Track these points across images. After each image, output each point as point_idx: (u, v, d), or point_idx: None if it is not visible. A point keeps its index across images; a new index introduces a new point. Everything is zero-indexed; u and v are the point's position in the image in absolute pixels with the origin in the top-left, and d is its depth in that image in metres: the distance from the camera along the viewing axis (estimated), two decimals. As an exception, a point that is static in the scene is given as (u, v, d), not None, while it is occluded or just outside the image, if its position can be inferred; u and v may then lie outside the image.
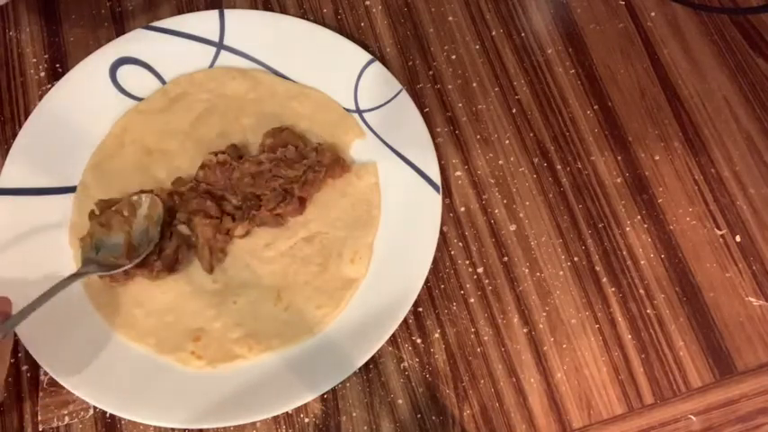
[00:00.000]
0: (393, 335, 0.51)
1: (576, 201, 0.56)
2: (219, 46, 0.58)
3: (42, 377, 0.51)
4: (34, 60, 0.59)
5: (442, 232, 0.54)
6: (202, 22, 0.58)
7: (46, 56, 0.60)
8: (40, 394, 0.51)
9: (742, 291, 0.53)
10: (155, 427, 0.50)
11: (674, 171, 0.57)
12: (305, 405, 0.51)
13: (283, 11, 0.61)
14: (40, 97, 0.55)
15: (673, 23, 0.61)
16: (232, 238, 0.53)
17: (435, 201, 0.53)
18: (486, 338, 0.52)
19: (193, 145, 0.56)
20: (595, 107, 0.58)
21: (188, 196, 0.52)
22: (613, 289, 0.54)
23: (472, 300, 0.53)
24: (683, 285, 0.54)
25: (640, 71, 0.59)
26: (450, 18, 0.61)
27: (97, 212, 0.52)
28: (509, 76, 0.59)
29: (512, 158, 0.57)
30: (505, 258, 0.54)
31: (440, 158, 0.55)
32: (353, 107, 0.57)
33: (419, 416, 0.51)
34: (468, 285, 0.54)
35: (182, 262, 0.52)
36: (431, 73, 0.60)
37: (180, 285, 0.52)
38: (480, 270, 0.54)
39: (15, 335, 0.50)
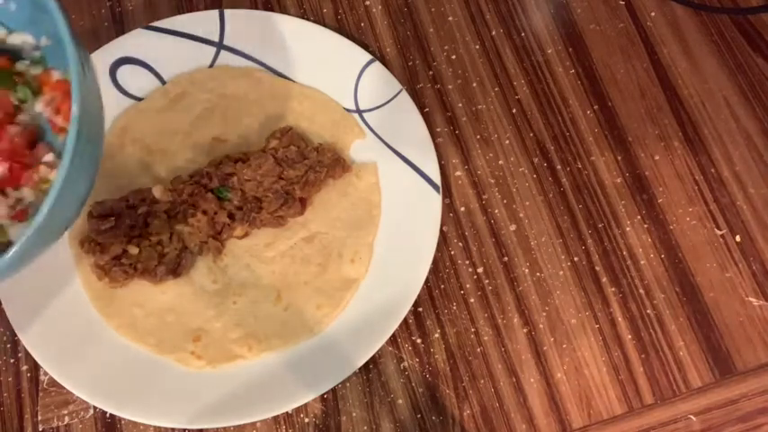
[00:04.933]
0: (393, 335, 0.51)
1: (576, 201, 0.56)
2: (219, 46, 0.58)
3: (42, 377, 0.51)
4: (34, 60, 0.59)
5: (442, 232, 0.54)
6: (202, 22, 0.57)
7: (46, 56, 0.60)
8: (40, 394, 0.51)
9: (742, 291, 0.53)
10: (155, 427, 0.50)
11: (674, 171, 0.57)
12: (305, 405, 0.51)
13: (283, 11, 0.61)
14: (40, 97, 0.55)
15: (673, 23, 0.61)
16: (230, 236, 0.53)
17: (435, 201, 0.53)
18: (486, 338, 0.52)
19: (193, 145, 0.56)
20: (595, 107, 0.58)
21: (187, 191, 0.52)
22: (613, 289, 0.54)
23: (472, 300, 0.53)
24: (683, 285, 0.54)
25: (640, 71, 0.59)
26: (450, 18, 0.61)
27: (95, 214, 0.52)
28: (509, 76, 0.59)
29: (512, 158, 0.57)
30: (505, 258, 0.54)
31: (440, 158, 0.55)
32: (353, 107, 0.57)
33: (419, 416, 0.51)
34: (468, 285, 0.54)
35: (185, 266, 0.52)
36: (431, 73, 0.60)
37: (180, 286, 0.52)
38: (480, 270, 0.54)
39: (15, 335, 0.50)
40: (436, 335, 0.52)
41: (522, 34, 0.61)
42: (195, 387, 0.49)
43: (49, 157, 0.40)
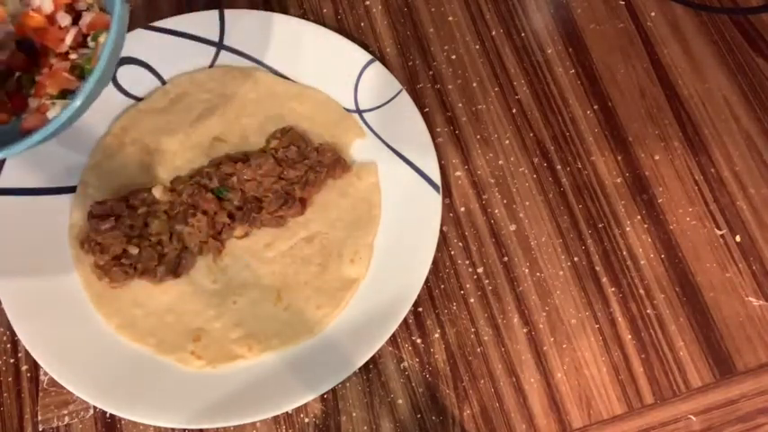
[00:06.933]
0: (393, 335, 0.51)
1: (576, 201, 0.56)
2: (219, 46, 0.58)
3: (42, 377, 0.51)
4: (34, 60, 0.59)
5: (442, 232, 0.54)
6: (202, 22, 0.57)
7: (46, 56, 0.60)
8: (40, 394, 0.51)
9: (742, 291, 0.53)
10: (155, 427, 0.50)
11: (674, 171, 0.57)
12: (305, 405, 0.51)
13: (283, 11, 0.61)
14: (40, 97, 0.55)
15: (673, 23, 0.61)
16: (230, 236, 0.53)
17: (435, 201, 0.53)
18: (486, 338, 0.52)
19: (193, 145, 0.56)
20: (595, 107, 0.58)
21: (187, 191, 0.52)
22: (613, 289, 0.54)
23: (472, 300, 0.53)
24: (683, 285, 0.54)
25: (640, 71, 0.59)
26: (450, 18, 0.61)
27: (95, 214, 0.52)
28: (509, 76, 0.59)
29: (512, 158, 0.57)
30: (505, 258, 0.54)
31: (440, 158, 0.55)
32: (353, 107, 0.57)
33: (419, 416, 0.51)
34: (468, 285, 0.54)
35: (185, 266, 0.52)
36: (431, 73, 0.60)
37: (180, 286, 0.52)
38: (480, 270, 0.54)
39: (15, 335, 0.50)
40: (436, 335, 0.52)
41: (522, 34, 0.61)
42: (195, 387, 0.49)
43: None
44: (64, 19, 0.45)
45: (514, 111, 0.58)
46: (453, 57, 0.60)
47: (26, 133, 0.43)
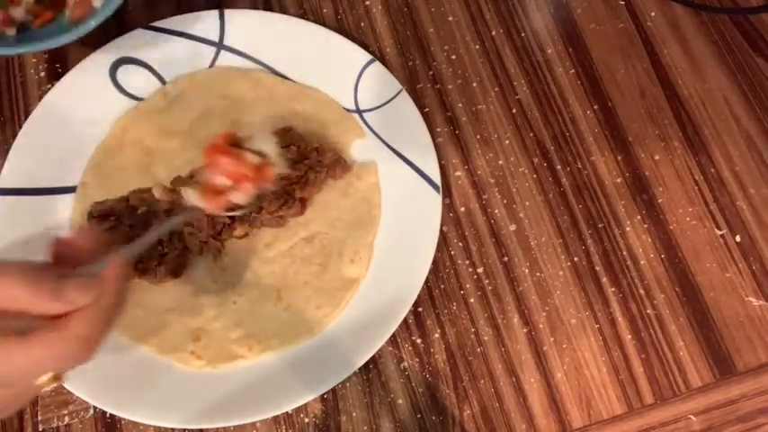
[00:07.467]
0: (393, 335, 0.51)
1: (576, 201, 0.56)
2: (219, 46, 0.58)
3: (42, 377, 0.51)
4: (34, 60, 0.59)
5: (442, 232, 0.54)
6: (202, 22, 0.57)
7: (46, 56, 0.60)
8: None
9: (742, 291, 0.54)
10: (155, 427, 0.50)
11: (674, 171, 0.57)
12: (305, 405, 0.51)
13: (283, 11, 0.61)
14: (40, 97, 0.55)
15: (673, 23, 0.61)
16: (230, 236, 0.53)
17: (435, 201, 0.53)
18: (486, 338, 0.52)
19: (193, 145, 0.56)
20: (595, 107, 0.58)
21: None
22: (613, 289, 0.54)
23: (472, 300, 0.53)
24: (683, 285, 0.54)
25: (640, 71, 0.59)
26: (450, 18, 0.61)
27: (95, 214, 0.52)
28: (509, 76, 0.59)
29: (512, 158, 0.57)
30: (505, 258, 0.54)
31: (440, 158, 0.55)
32: (353, 107, 0.57)
33: (419, 416, 0.51)
34: (468, 285, 0.54)
35: (185, 266, 0.52)
36: (431, 73, 0.60)
37: (180, 285, 0.52)
38: (480, 270, 0.54)
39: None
40: (436, 335, 0.52)
41: (522, 34, 0.61)
42: (195, 387, 0.49)
43: None
44: None
45: (514, 111, 0.58)
46: (453, 57, 0.60)
47: (77, 21, 0.53)
